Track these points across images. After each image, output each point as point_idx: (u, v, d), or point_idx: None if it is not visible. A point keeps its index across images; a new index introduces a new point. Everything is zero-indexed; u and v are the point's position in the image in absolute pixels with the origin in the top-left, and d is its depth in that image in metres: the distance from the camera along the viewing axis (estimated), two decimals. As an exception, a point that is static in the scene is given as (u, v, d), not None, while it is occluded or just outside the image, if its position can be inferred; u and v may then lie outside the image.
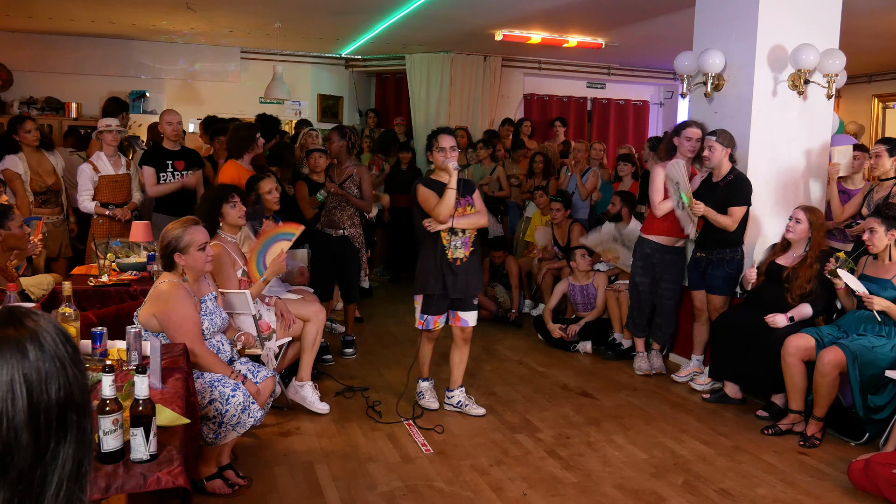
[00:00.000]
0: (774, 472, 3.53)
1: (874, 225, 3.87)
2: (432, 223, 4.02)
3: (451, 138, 4.06)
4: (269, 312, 3.97)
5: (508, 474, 3.44)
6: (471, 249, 4.11)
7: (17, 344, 0.87)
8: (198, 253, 3.08)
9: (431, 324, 4.14)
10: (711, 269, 4.70)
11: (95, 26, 7.85)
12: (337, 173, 5.26)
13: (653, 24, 6.85)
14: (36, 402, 0.86)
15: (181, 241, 3.05)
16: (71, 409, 0.89)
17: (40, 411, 0.86)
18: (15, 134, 5.47)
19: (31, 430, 0.85)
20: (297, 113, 9.43)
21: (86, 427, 0.92)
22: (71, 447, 0.89)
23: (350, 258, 5.23)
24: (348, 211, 5.21)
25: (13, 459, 0.84)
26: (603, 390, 4.74)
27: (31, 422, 0.85)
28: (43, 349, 0.88)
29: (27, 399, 0.85)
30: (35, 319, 0.92)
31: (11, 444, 0.84)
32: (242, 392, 3.00)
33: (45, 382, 0.87)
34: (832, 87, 4.73)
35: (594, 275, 5.71)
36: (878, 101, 9.36)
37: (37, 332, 0.89)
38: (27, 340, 0.88)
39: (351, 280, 5.32)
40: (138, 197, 5.59)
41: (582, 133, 9.91)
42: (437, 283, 4.06)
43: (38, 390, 0.87)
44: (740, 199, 4.55)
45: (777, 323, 4.11)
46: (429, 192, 4.04)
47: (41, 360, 0.88)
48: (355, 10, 6.78)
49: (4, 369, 0.85)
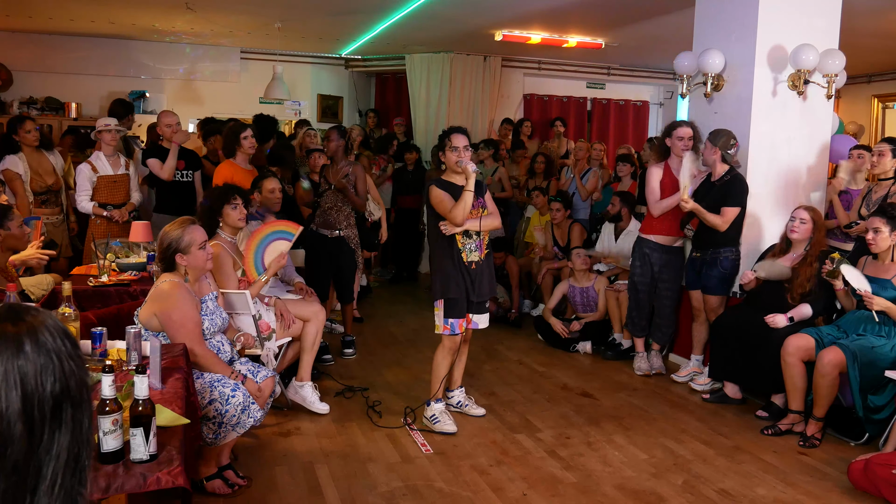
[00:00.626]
0: (774, 473, 3.53)
1: (879, 225, 3.86)
2: (448, 226, 3.89)
3: (465, 137, 3.92)
4: (268, 312, 3.97)
5: (508, 474, 3.44)
6: (485, 252, 4.03)
7: (14, 339, 0.90)
8: (199, 252, 3.09)
9: (457, 327, 3.98)
10: (706, 268, 4.71)
11: (95, 26, 7.85)
12: (332, 172, 5.26)
13: (653, 24, 6.85)
14: (30, 393, 0.88)
15: (182, 242, 3.05)
16: (66, 402, 0.91)
17: (34, 403, 0.88)
18: (15, 134, 5.47)
19: (25, 421, 0.87)
20: (297, 113, 9.43)
21: (82, 420, 0.93)
22: (66, 438, 0.91)
23: (346, 259, 5.23)
24: (344, 211, 5.22)
25: (7, 450, 0.86)
26: (603, 390, 4.74)
27: (25, 413, 0.87)
28: (39, 344, 0.91)
29: (21, 390, 0.88)
30: (34, 315, 0.94)
31: (5, 435, 0.86)
32: (242, 392, 3.00)
33: (40, 375, 0.89)
34: (832, 87, 4.73)
35: (595, 278, 5.71)
36: (878, 101, 9.36)
37: (35, 328, 0.92)
38: (24, 335, 0.91)
39: (346, 281, 5.33)
40: (137, 197, 5.59)
41: (582, 133, 9.90)
42: (460, 287, 3.94)
43: (34, 383, 0.89)
44: (733, 200, 4.55)
45: (777, 323, 4.11)
46: (443, 194, 3.89)
47: (37, 353, 0.90)
48: (355, 10, 6.78)
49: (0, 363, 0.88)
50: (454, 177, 3.96)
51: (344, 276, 5.29)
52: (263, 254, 4.03)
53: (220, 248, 3.78)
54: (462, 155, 3.88)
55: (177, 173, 5.51)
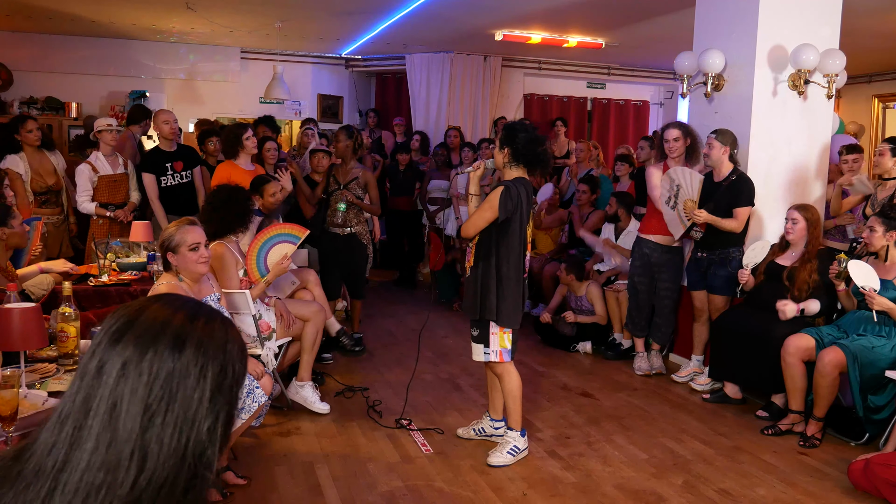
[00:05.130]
0: (774, 473, 3.53)
1: (874, 224, 3.90)
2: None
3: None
4: (268, 312, 3.97)
5: (508, 474, 3.44)
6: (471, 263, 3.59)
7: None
8: (189, 253, 2.99)
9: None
10: (713, 268, 4.70)
11: (95, 26, 7.85)
12: (342, 173, 5.27)
13: (653, 24, 6.84)
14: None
15: (172, 241, 2.99)
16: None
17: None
18: (16, 133, 5.47)
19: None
20: (297, 113, 9.43)
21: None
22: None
23: (357, 256, 5.30)
24: (354, 209, 5.26)
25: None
26: (603, 390, 4.74)
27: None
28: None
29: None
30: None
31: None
32: (247, 376, 3.00)
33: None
34: (832, 87, 4.73)
35: (588, 287, 5.70)
36: (878, 101, 9.35)
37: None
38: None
39: (358, 277, 5.38)
40: (136, 196, 5.59)
41: (582, 133, 9.91)
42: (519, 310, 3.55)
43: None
44: (745, 199, 4.55)
45: (786, 310, 4.08)
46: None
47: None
48: (355, 10, 6.78)
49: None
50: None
51: (355, 273, 5.33)
52: (266, 255, 4.04)
53: (223, 247, 3.77)
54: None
55: (175, 174, 5.51)
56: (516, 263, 3.46)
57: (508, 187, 3.38)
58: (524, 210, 3.43)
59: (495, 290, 3.44)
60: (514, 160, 3.47)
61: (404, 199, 7.75)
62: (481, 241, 3.49)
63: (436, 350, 5.51)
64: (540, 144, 3.48)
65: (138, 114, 6.49)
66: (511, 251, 3.44)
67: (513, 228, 3.42)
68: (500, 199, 3.35)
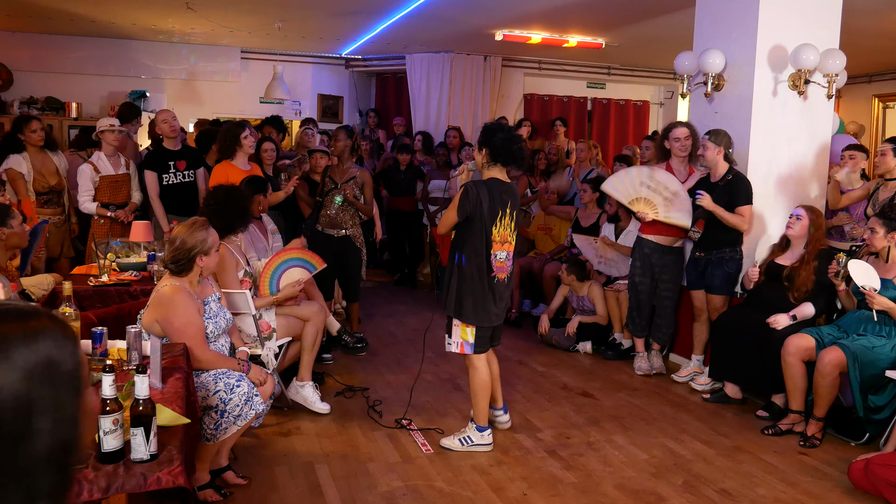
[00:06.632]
0: (774, 473, 3.53)
1: (875, 225, 3.90)
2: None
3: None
4: (268, 312, 3.98)
5: (508, 474, 3.44)
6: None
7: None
8: (216, 253, 3.14)
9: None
10: (711, 268, 4.71)
11: (95, 26, 7.85)
12: (338, 173, 5.27)
13: (653, 24, 6.84)
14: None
15: (206, 244, 3.06)
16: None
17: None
18: (20, 133, 5.47)
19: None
20: (297, 113, 9.43)
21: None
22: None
23: (352, 257, 5.28)
24: (350, 211, 5.24)
25: None
26: (603, 390, 4.74)
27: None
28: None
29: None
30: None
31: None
32: (247, 383, 3.02)
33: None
34: (832, 87, 4.73)
35: (590, 287, 5.70)
36: (879, 101, 9.35)
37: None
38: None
39: (353, 279, 5.37)
40: (138, 197, 5.59)
41: (582, 133, 9.91)
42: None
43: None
44: (743, 198, 4.56)
45: (779, 323, 4.11)
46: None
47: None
48: (355, 10, 6.78)
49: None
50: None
51: (350, 275, 5.32)
52: (280, 276, 4.06)
53: (223, 247, 3.78)
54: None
55: (178, 174, 5.51)
56: (479, 263, 3.53)
57: (468, 189, 3.48)
58: (486, 210, 3.48)
59: (457, 288, 3.57)
60: (492, 160, 3.57)
61: (405, 200, 7.72)
62: (453, 240, 3.64)
63: (437, 350, 5.49)
64: (515, 143, 3.58)
65: (128, 112, 6.48)
66: (473, 251, 3.53)
67: (475, 228, 3.50)
68: (458, 201, 3.47)
